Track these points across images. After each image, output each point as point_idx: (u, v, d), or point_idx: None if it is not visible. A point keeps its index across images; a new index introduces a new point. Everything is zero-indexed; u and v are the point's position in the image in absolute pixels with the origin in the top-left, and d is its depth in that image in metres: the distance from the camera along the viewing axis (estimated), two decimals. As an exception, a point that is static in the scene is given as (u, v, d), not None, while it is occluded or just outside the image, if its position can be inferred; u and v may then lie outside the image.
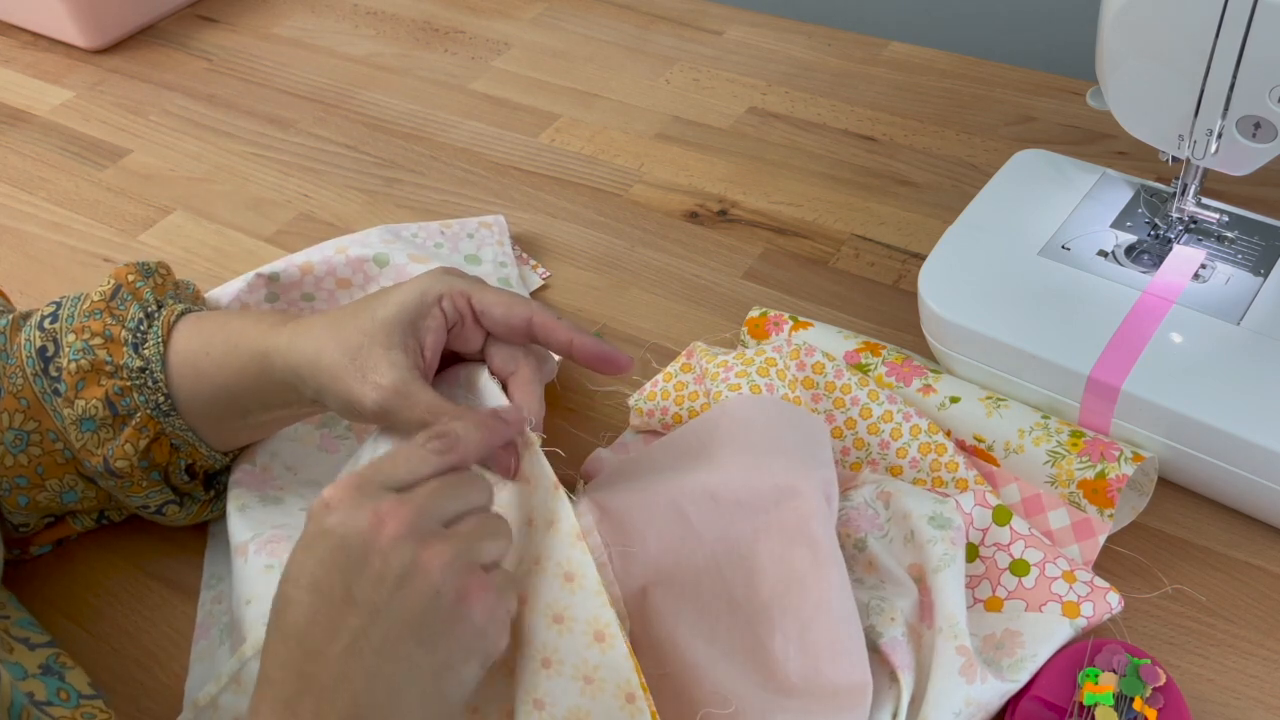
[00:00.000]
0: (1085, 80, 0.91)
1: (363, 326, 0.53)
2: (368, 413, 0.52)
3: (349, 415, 0.54)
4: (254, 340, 0.55)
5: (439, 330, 0.54)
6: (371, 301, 0.54)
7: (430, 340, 0.54)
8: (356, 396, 0.52)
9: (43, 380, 0.56)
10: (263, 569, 0.54)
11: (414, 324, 0.53)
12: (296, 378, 0.54)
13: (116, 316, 0.57)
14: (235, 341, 0.56)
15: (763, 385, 0.62)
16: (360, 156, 0.91)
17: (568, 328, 0.55)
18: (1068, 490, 0.57)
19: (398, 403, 0.51)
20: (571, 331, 0.55)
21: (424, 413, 0.51)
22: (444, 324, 0.54)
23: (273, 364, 0.54)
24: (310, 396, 0.54)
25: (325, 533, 0.43)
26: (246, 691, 0.51)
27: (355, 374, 0.52)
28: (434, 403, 0.51)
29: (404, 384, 0.52)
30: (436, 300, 0.54)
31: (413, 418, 0.51)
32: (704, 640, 0.52)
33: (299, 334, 0.54)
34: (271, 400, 0.56)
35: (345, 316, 0.54)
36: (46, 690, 0.51)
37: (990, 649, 0.53)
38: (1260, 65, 0.55)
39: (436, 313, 0.54)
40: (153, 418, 0.56)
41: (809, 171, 0.86)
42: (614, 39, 1.03)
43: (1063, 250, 0.66)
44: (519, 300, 0.55)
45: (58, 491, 0.58)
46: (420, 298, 0.54)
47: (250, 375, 0.55)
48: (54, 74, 1.04)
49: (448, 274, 0.55)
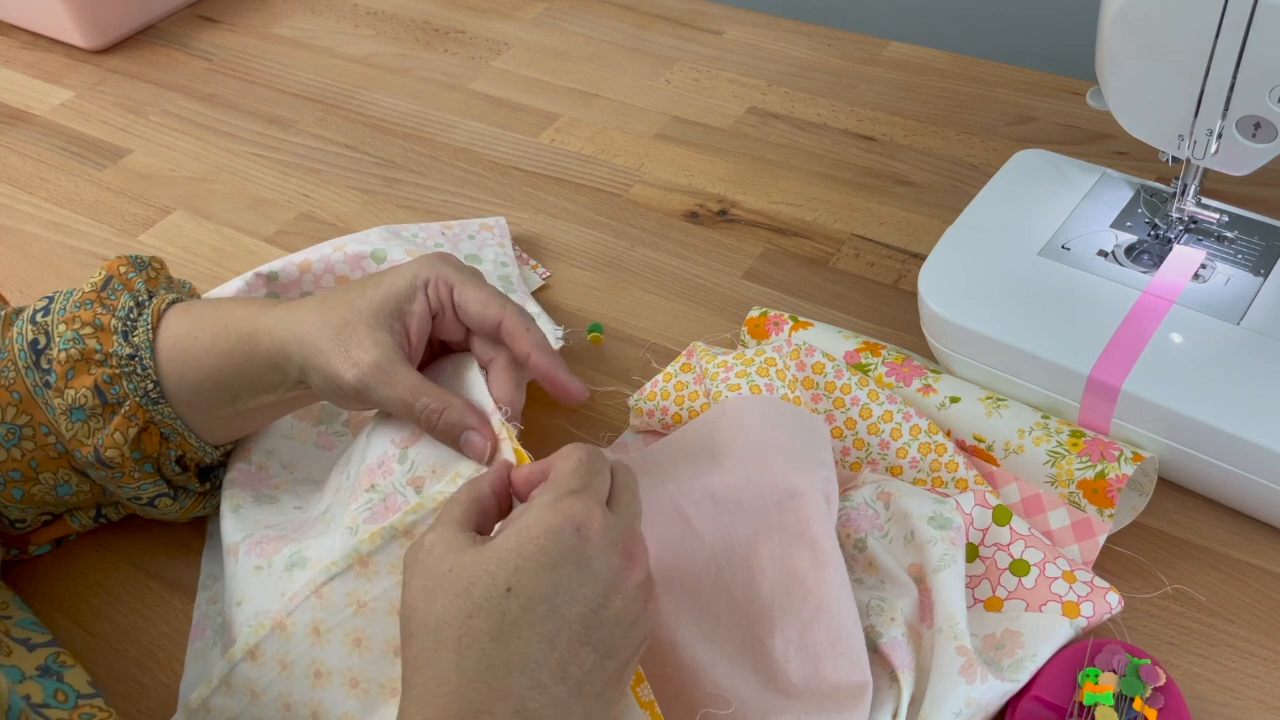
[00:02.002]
0: (1085, 80, 0.91)
1: (352, 304, 0.53)
2: (348, 389, 0.52)
3: (331, 394, 0.54)
4: (242, 321, 0.55)
5: (423, 316, 0.54)
6: (364, 283, 0.55)
7: (414, 325, 0.54)
8: (337, 371, 0.52)
9: (34, 373, 0.56)
10: (252, 570, 0.54)
11: (401, 308, 0.54)
12: (283, 355, 0.54)
13: (107, 306, 0.57)
14: (224, 324, 0.56)
15: (763, 385, 0.62)
16: (360, 156, 0.91)
17: (531, 341, 0.54)
18: (1068, 490, 0.57)
19: (378, 379, 0.52)
20: (533, 345, 0.54)
21: (404, 392, 0.52)
22: (428, 310, 0.54)
23: (260, 343, 0.54)
24: (295, 376, 0.55)
25: (581, 561, 0.42)
26: (237, 693, 0.51)
27: (338, 350, 0.52)
28: (416, 384, 0.52)
29: (386, 362, 0.52)
30: (423, 286, 0.54)
31: (393, 396, 0.52)
32: (704, 640, 0.52)
33: (287, 313, 0.55)
34: (259, 383, 0.56)
35: (335, 295, 0.55)
36: (44, 692, 0.51)
37: (990, 649, 0.53)
38: (1260, 65, 0.55)
39: (422, 298, 0.54)
40: (142, 406, 0.56)
41: (809, 171, 0.86)
42: (614, 39, 1.03)
43: (1063, 250, 0.66)
44: (496, 300, 0.54)
45: (52, 485, 0.58)
46: (410, 282, 0.54)
47: (238, 357, 0.55)
48: (54, 74, 1.04)
49: (440, 261, 0.55)
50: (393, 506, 0.52)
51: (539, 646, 0.41)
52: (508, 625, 0.41)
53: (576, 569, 0.42)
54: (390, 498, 0.52)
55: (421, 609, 0.42)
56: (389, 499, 0.52)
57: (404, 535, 0.51)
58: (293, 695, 0.50)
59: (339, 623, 0.50)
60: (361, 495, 0.53)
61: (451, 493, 0.51)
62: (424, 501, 0.51)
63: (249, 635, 0.51)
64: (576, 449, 0.47)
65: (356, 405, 0.55)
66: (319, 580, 0.51)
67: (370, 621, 0.50)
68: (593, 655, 0.42)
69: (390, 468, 0.53)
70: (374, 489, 0.53)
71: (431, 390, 0.52)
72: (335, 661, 0.50)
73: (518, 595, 0.41)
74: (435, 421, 0.52)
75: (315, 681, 0.50)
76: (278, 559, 0.54)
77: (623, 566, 0.43)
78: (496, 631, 0.41)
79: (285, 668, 0.50)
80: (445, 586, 0.42)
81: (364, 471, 0.54)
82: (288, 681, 0.50)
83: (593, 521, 0.43)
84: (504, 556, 0.42)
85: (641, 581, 0.44)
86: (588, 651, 0.42)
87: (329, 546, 0.52)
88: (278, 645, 0.51)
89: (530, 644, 0.41)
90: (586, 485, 0.45)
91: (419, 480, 0.53)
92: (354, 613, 0.50)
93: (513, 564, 0.42)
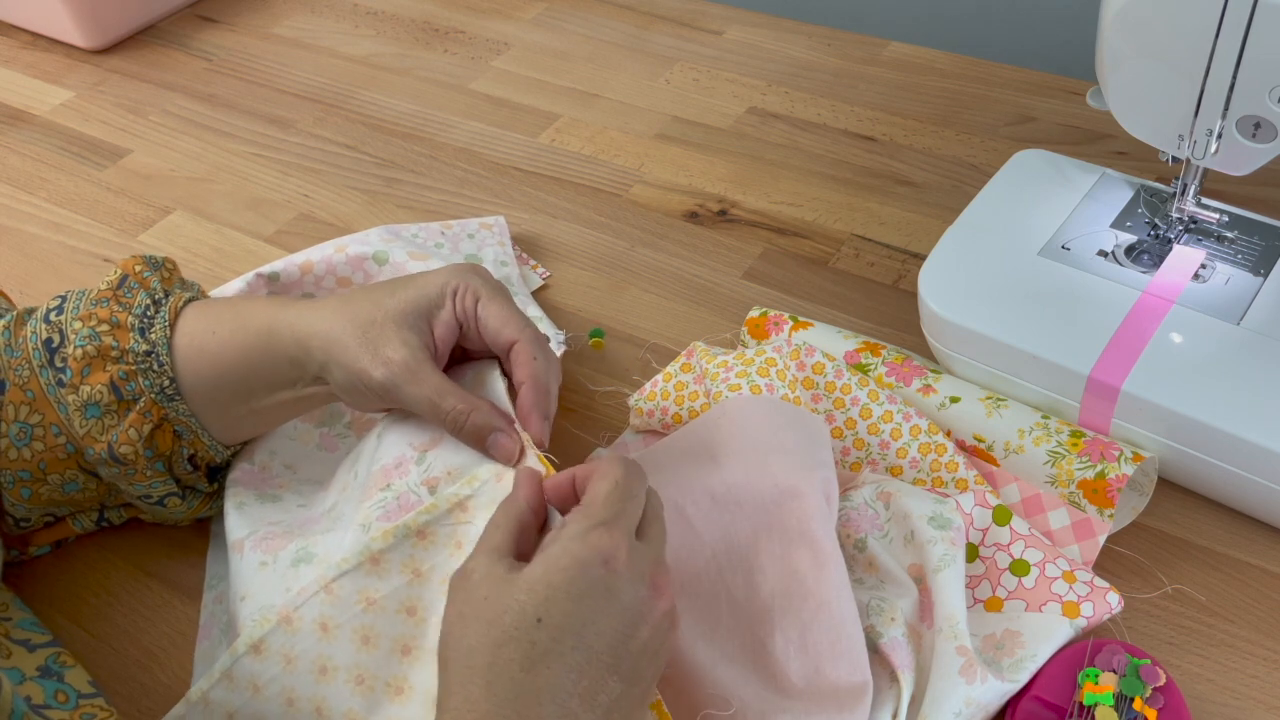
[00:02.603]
0: (1085, 80, 0.91)
1: (380, 303, 0.54)
2: (374, 386, 0.53)
3: (352, 390, 0.54)
4: (260, 317, 0.56)
5: (449, 323, 0.55)
6: (394, 283, 0.55)
7: (440, 331, 0.54)
8: (365, 369, 0.52)
9: (48, 372, 0.56)
10: (257, 565, 0.55)
11: (429, 312, 0.54)
12: (303, 351, 0.54)
13: (124, 304, 0.58)
14: (242, 320, 0.56)
15: (763, 385, 0.62)
16: (360, 156, 0.91)
17: (530, 371, 0.54)
18: (1068, 490, 0.57)
19: (405, 378, 0.52)
20: (529, 377, 0.54)
21: (431, 391, 0.52)
22: (454, 318, 0.55)
23: (279, 338, 0.55)
24: (314, 372, 0.55)
25: (608, 593, 0.43)
26: (239, 687, 0.51)
27: (366, 348, 0.53)
28: (442, 384, 0.53)
29: (415, 362, 0.52)
30: (452, 294, 0.55)
31: (419, 395, 0.52)
32: (704, 640, 0.52)
33: (309, 309, 0.55)
34: (275, 379, 0.56)
35: (360, 295, 0.55)
36: (44, 693, 0.51)
37: (990, 649, 0.53)
38: (1260, 65, 0.55)
39: (450, 306, 0.55)
40: (156, 403, 0.56)
41: (809, 171, 0.86)
42: (614, 39, 1.03)
43: (1063, 250, 0.66)
44: (515, 321, 0.55)
45: (59, 484, 0.58)
46: (441, 289, 0.55)
47: (256, 352, 0.55)
48: (54, 74, 1.04)
49: (471, 272, 0.56)
50: (406, 505, 0.52)
51: (568, 676, 0.41)
52: (538, 655, 0.41)
53: (604, 601, 0.42)
54: (404, 497, 0.53)
55: (456, 635, 0.43)
56: (403, 498, 0.53)
57: (416, 535, 0.51)
58: (296, 690, 0.50)
59: (348, 619, 0.50)
60: (376, 494, 0.53)
61: (467, 495, 0.51)
62: (438, 502, 0.51)
63: (253, 629, 0.51)
64: (614, 466, 0.47)
65: (374, 404, 0.55)
66: (329, 576, 0.51)
67: (379, 619, 0.50)
68: (620, 684, 0.42)
69: (407, 469, 0.54)
70: (389, 488, 0.53)
71: (458, 392, 0.53)
72: (342, 658, 0.50)
73: (547, 626, 0.42)
74: (462, 423, 0.52)
75: (320, 677, 0.50)
76: (283, 554, 0.54)
77: (649, 597, 0.44)
78: (526, 661, 0.41)
79: (290, 662, 0.51)
80: (479, 614, 0.43)
81: (379, 471, 0.54)
82: (292, 676, 0.51)
83: (619, 554, 0.43)
84: (534, 587, 0.43)
85: (667, 611, 0.45)
86: (615, 680, 0.42)
87: (338, 543, 0.53)
88: (283, 640, 0.51)
89: (559, 674, 0.41)
90: (617, 515, 0.45)
91: (434, 481, 0.53)
92: (363, 609, 0.50)
93: (543, 595, 0.42)
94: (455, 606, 0.44)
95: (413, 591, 0.51)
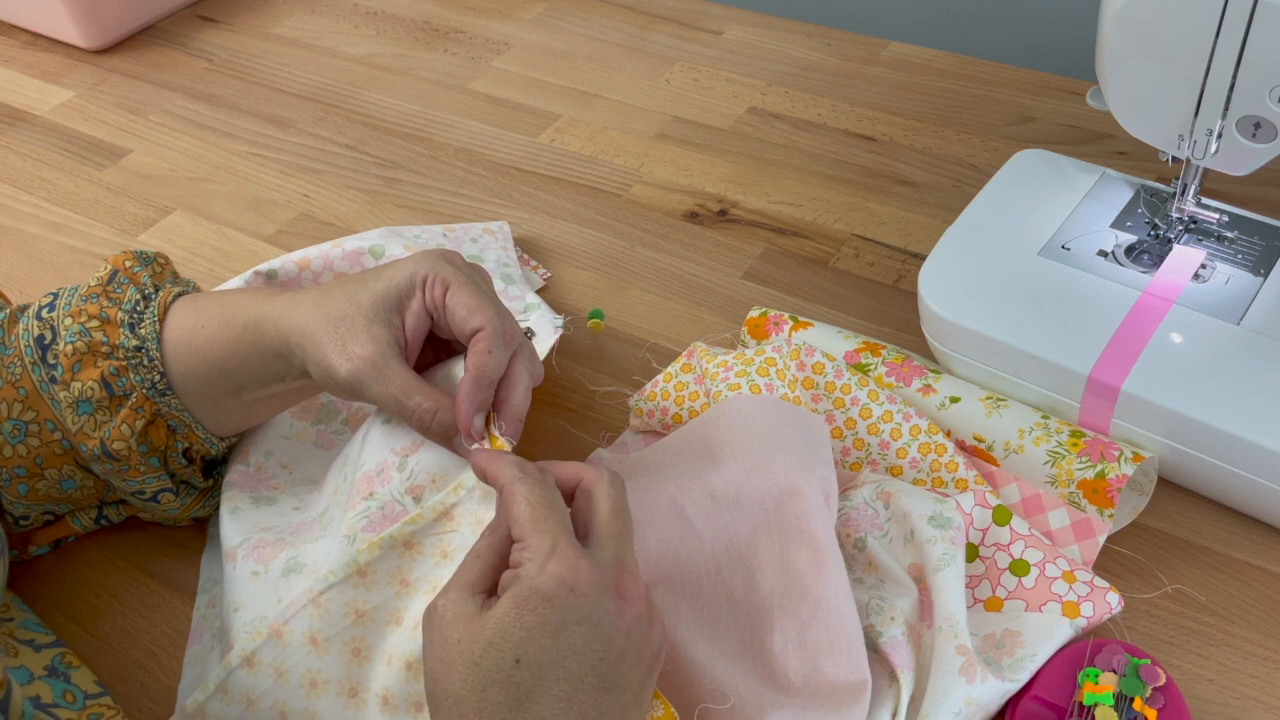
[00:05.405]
0: (1085, 80, 0.91)
1: (352, 297, 0.53)
2: (341, 382, 0.52)
3: (328, 385, 0.54)
4: (248, 310, 0.55)
5: (420, 315, 0.54)
6: (366, 275, 0.54)
7: (410, 322, 0.53)
8: (333, 365, 0.52)
9: (41, 368, 0.56)
10: (249, 575, 0.54)
11: (400, 303, 0.53)
12: (286, 345, 0.54)
13: (113, 299, 0.57)
14: (230, 314, 0.56)
15: (763, 385, 0.62)
16: (360, 156, 0.91)
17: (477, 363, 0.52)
18: (1068, 490, 0.57)
19: (371, 375, 0.51)
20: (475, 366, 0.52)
21: (397, 390, 0.51)
22: (424, 309, 0.54)
23: (265, 332, 0.54)
24: (299, 367, 0.54)
25: (581, 620, 0.42)
26: (233, 700, 0.51)
27: (335, 343, 0.52)
28: (409, 382, 0.52)
29: (380, 358, 0.52)
30: (421, 283, 0.53)
31: (385, 393, 0.52)
32: (704, 639, 0.52)
33: (290, 303, 0.54)
34: (264, 373, 0.56)
35: (336, 287, 0.54)
36: (53, 693, 0.52)
37: (990, 649, 0.53)
38: (1260, 65, 0.55)
39: (419, 296, 0.53)
40: (149, 398, 0.56)
41: (809, 171, 0.86)
42: (614, 39, 1.03)
43: (1063, 250, 0.66)
44: (483, 310, 0.52)
45: (56, 480, 0.58)
46: (409, 278, 0.53)
47: (244, 346, 0.55)
48: (54, 74, 1.04)
49: (441, 259, 0.54)
50: (391, 516, 0.52)
51: (559, 706, 0.41)
52: (524, 694, 0.41)
53: (579, 628, 0.42)
54: (389, 506, 0.52)
55: (441, 680, 0.43)
56: (387, 507, 0.52)
57: (403, 546, 0.51)
58: (288, 704, 0.50)
59: (338, 632, 0.50)
60: (359, 503, 0.53)
61: (453, 503, 0.51)
62: (423, 512, 0.51)
63: (246, 642, 0.51)
64: (520, 489, 0.46)
65: (352, 398, 0.54)
66: (316, 589, 0.50)
67: (369, 631, 0.50)
68: (612, 696, 0.42)
69: (389, 475, 0.53)
70: (372, 497, 0.52)
71: (425, 390, 0.52)
72: (333, 671, 0.50)
73: (527, 665, 0.41)
74: (429, 421, 0.52)
75: (311, 691, 0.50)
76: (274, 564, 0.54)
77: (619, 609, 0.43)
78: (514, 702, 0.41)
79: (281, 676, 0.50)
80: (457, 657, 0.42)
81: (362, 479, 0.54)
82: (283, 690, 0.50)
83: (580, 575, 0.43)
84: (506, 628, 0.42)
85: (640, 613, 0.44)
86: (605, 695, 0.42)
87: (325, 552, 0.52)
88: (274, 653, 0.50)
89: (548, 706, 0.41)
90: (555, 537, 0.44)
91: (418, 489, 0.52)
92: (353, 622, 0.50)
93: (517, 635, 0.42)
94: (434, 649, 0.43)
95: (400, 602, 0.50)
